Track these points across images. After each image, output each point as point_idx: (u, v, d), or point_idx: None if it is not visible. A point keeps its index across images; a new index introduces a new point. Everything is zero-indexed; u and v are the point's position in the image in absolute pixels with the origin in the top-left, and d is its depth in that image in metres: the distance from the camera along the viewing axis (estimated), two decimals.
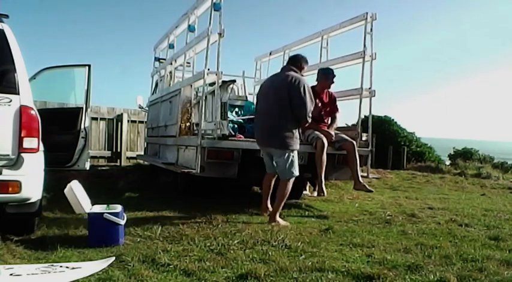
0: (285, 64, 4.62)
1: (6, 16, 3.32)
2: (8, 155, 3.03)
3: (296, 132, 4.21)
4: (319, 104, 5.25)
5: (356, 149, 4.97)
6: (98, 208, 3.29)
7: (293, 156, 4.14)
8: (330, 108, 5.33)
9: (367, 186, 5.03)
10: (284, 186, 4.14)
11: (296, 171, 4.17)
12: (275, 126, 4.14)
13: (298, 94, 4.10)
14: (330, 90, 5.45)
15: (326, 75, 5.26)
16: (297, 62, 4.39)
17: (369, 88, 5.41)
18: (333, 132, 5.06)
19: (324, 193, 4.83)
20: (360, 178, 4.97)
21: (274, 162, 4.22)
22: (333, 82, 5.28)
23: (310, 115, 4.22)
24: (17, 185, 2.98)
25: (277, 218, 4.13)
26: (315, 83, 5.29)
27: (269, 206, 4.36)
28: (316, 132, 4.97)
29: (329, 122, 5.29)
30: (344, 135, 5.12)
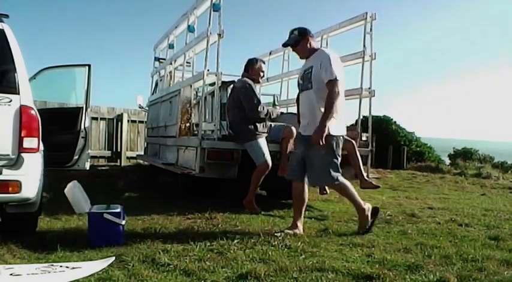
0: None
1: (6, 16, 3.32)
2: (8, 155, 3.02)
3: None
4: None
5: (356, 148, 4.97)
6: (98, 208, 3.29)
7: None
8: None
9: (373, 182, 5.00)
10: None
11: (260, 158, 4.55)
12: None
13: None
14: None
15: None
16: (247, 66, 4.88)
17: (369, 88, 5.41)
18: None
19: (326, 191, 4.87)
20: (365, 176, 4.95)
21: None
22: None
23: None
24: (17, 185, 2.97)
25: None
26: None
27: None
28: None
29: None
30: None
